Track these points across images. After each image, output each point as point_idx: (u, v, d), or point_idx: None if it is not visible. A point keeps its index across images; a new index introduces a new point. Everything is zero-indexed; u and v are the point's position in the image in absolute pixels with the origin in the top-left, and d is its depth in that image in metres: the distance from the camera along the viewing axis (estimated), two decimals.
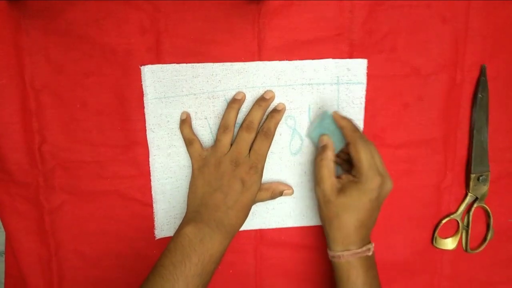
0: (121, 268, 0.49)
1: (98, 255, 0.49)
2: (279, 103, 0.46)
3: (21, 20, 0.44)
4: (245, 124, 0.45)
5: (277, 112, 0.46)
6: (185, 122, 0.46)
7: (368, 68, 0.46)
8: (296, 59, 0.45)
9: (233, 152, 0.44)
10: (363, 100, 0.47)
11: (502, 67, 0.48)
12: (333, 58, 0.45)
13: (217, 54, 0.45)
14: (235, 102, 0.45)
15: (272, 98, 0.46)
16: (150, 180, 0.48)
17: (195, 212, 0.44)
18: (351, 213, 0.41)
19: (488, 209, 0.50)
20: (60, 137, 0.46)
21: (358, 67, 0.46)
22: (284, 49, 0.45)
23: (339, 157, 0.46)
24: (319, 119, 0.46)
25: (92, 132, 0.46)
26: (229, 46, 0.44)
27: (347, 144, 0.43)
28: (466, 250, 0.52)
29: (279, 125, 0.46)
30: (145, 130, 0.46)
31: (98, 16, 0.43)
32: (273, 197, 0.48)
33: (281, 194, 0.48)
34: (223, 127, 0.45)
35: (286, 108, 0.47)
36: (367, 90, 0.46)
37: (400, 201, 0.50)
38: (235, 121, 0.46)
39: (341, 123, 0.44)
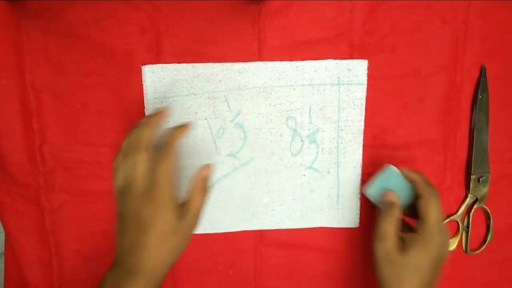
0: None
1: (99, 255, 0.49)
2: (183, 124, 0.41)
3: (21, 20, 0.44)
4: (125, 148, 0.38)
5: (178, 128, 0.40)
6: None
7: (368, 68, 0.46)
8: (296, 60, 0.45)
9: (127, 182, 0.37)
10: (363, 101, 0.47)
11: (502, 68, 0.48)
12: (333, 58, 0.45)
13: (217, 54, 0.45)
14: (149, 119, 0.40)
15: (163, 113, 0.40)
16: None
17: (117, 252, 0.38)
18: (414, 275, 0.40)
19: (488, 210, 0.50)
20: (60, 137, 0.46)
21: (358, 68, 0.46)
22: (284, 50, 0.45)
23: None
24: (381, 175, 0.45)
25: (93, 133, 0.46)
26: (229, 46, 0.45)
27: (417, 198, 0.42)
28: (466, 251, 0.52)
29: (280, 126, 0.46)
30: None
31: (98, 16, 0.44)
32: (205, 192, 0.40)
33: (206, 180, 0.40)
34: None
35: (287, 109, 0.46)
36: (367, 91, 0.46)
37: None
38: (148, 144, 0.38)
39: (412, 176, 0.43)
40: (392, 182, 0.44)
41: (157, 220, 0.37)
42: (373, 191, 0.45)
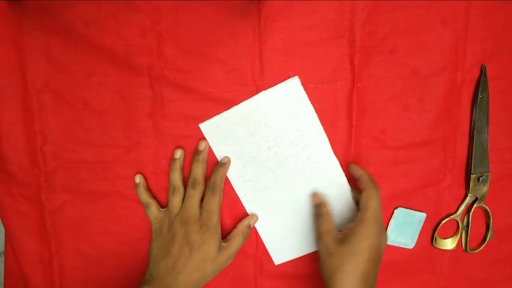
0: (122, 268, 0.50)
1: (99, 255, 0.50)
2: (224, 157, 0.47)
3: (22, 20, 0.44)
4: (190, 182, 0.45)
5: (222, 165, 0.46)
6: (139, 185, 0.47)
7: (369, 69, 0.46)
8: (297, 61, 0.45)
9: (182, 212, 0.45)
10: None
11: (502, 67, 0.48)
12: (334, 59, 0.46)
13: (218, 55, 0.45)
14: (175, 163, 0.46)
15: (206, 148, 0.46)
16: (151, 181, 0.48)
17: (150, 274, 0.45)
18: (353, 263, 0.41)
19: (488, 210, 0.50)
20: (62, 137, 0.47)
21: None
22: (285, 51, 0.45)
23: None
24: (393, 220, 0.50)
25: (94, 133, 0.46)
26: (230, 47, 0.45)
27: (360, 191, 0.45)
28: (465, 250, 0.52)
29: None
30: (148, 130, 0.47)
31: (98, 17, 0.44)
32: (245, 237, 0.48)
33: (249, 227, 0.48)
34: (171, 188, 0.46)
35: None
36: (368, 93, 0.47)
37: (400, 202, 0.50)
38: (182, 180, 0.46)
39: (358, 172, 0.46)
40: (403, 221, 0.49)
41: (203, 246, 0.43)
42: (392, 237, 0.50)
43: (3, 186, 0.48)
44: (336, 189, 0.48)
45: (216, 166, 0.46)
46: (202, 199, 0.46)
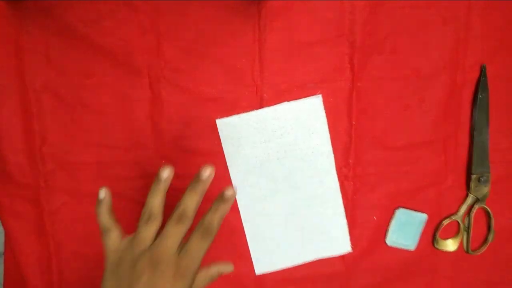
0: None
1: (98, 256, 0.49)
2: (230, 189, 0.34)
3: (21, 20, 0.44)
4: (176, 214, 0.34)
5: (225, 201, 0.34)
6: (102, 203, 0.36)
7: (369, 69, 0.46)
8: (297, 61, 0.45)
9: (155, 248, 0.34)
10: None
11: (502, 67, 0.48)
12: (334, 59, 0.46)
13: (218, 55, 0.45)
14: (159, 183, 0.35)
15: (210, 177, 0.35)
16: (150, 183, 0.48)
17: None
18: None
19: (489, 210, 0.50)
20: (60, 138, 0.46)
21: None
22: (285, 51, 0.45)
23: None
24: (393, 221, 0.49)
25: (93, 133, 0.46)
26: (230, 47, 0.45)
27: None
28: (467, 251, 0.51)
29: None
30: (147, 131, 0.47)
31: (97, 17, 0.44)
32: (212, 280, 0.39)
33: (220, 274, 0.40)
34: (146, 215, 0.35)
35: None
36: (368, 93, 0.46)
37: (400, 203, 0.50)
38: (163, 208, 0.35)
39: None
40: (404, 221, 0.49)
41: None
42: (393, 238, 0.50)
43: (2, 187, 0.48)
44: (332, 211, 0.49)
45: (215, 200, 0.35)
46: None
